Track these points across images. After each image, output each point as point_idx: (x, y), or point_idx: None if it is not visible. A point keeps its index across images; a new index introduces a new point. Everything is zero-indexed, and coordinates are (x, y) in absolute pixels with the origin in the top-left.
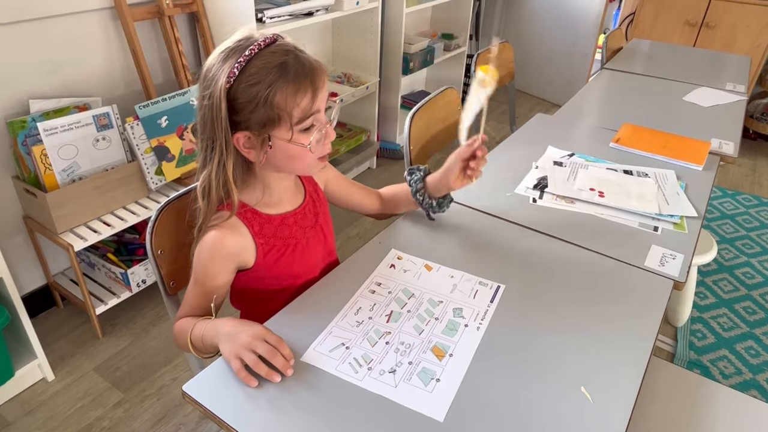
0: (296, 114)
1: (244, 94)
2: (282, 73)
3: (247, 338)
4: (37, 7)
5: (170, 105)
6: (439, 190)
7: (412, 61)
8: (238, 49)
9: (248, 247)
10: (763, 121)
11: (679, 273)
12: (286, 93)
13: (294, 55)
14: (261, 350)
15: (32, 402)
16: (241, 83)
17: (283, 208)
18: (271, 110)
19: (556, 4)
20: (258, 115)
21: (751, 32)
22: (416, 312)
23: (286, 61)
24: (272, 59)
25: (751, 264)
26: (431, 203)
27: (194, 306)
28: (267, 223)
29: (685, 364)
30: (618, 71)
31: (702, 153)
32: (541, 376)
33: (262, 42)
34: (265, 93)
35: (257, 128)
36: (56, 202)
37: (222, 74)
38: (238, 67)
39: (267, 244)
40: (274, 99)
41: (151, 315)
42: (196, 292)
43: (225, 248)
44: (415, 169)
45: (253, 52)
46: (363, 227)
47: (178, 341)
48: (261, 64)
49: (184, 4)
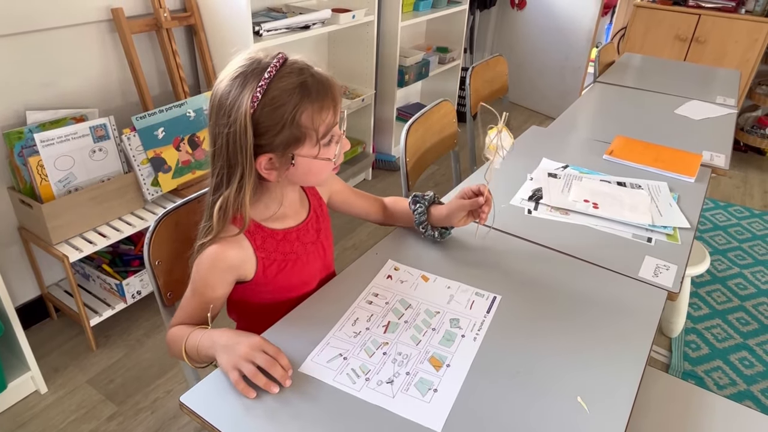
0: (322, 130)
1: (269, 118)
2: (305, 93)
3: (245, 349)
4: (36, 19)
5: (167, 116)
6: (441, 222)
7: (408, 74)
8: (253, 72)
9: (249, 260)
10: (753, 134)
11: (673, 283)
12: (312, 112)
13: (310, 73)
14: (259, 361)
15: (24, 415)
16: (264, 107)
17: (287, 223)
18: (298, 130)
19: (548, 18)
20: (282, 136)
21: (740, 47)
22: (413, 322)
23: (305, 80)
24: (291, 80)
25: (743, 275)
26: (433, 234)
27: (190, 314)
28: (270, 238)
29: (680, 375)
30: (610, 84)
31: (694, 165)
32: (538, 385)
33: (277, 63)
34: (290, 115)
35: (281, 149)
36: (52, 212)
37: (244, 100)
38: (260, 91)
39: (268, 258)
40: (300, 119)
41: (145, 326)
42: (193, 302)
43: (226, 260)
44: (419, 198)
45: (271, 74)
46: (359, 238)
47: (172, 349)
48: (282, 86)
49: (182, 17)
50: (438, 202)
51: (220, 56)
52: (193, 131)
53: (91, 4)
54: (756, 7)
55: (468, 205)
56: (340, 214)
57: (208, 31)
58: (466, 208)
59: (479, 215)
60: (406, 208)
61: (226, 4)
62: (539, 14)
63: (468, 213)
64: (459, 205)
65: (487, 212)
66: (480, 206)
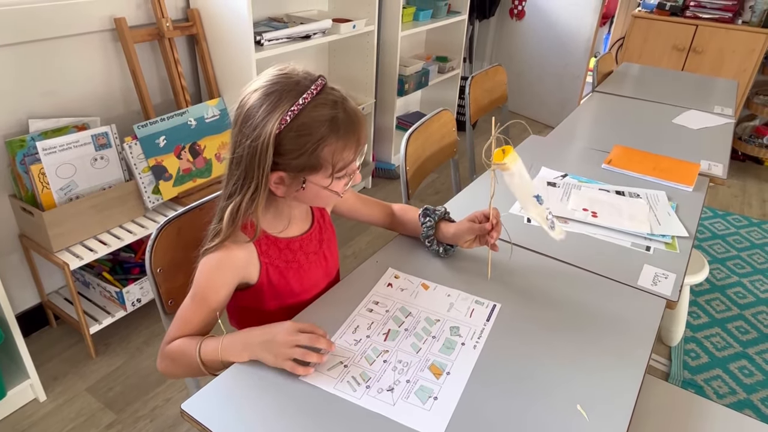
0: (339, 166)
1: (293, 143)
2: (332, 129)
3: (284, 337)
4: (39, 28)
5: (168, 125)
6: (448, 240)
7: (407, 83)
8: (289, 94)
9: (253, 263)
10: (751, 143)
11: (672, 292)
12: (335, 148)
13: (343, 108)
14: (303, 341)
15: (23, 423)
16: (291, 131)
17: (291, 232)
18: (316, 160)
19: (547, 27)
20: (300, 161)
21: (737, 57)
22: (413, 330)
23: (337, 115)
24: (323, 112)
25: (742, 284)
26: (437, 249)
27: (189, 320)
28: (273, 245)
29: (680, 384)
30: (609, 94)
31: (692, 174)
32: (538, 394)
33: (315, 89)
34: (313, 146)
35: (294, 171)
36: (53, 220)
37: (273, 120)
38: (291, 115)
39: (271, 264)
40: (321, 152)
41: (145, 334)
42: (194, 306)
43: (232, 260)
44: (430, 212)
45: (306, 101)
46: (358, 246)
47: (177, 362)
48: (313, 116)
49: (184, 26)
50: (448, 219)
51: (221, 65)
52: (194, 139)
53: (95, 14)
54: (753, 18)
55: (477, 229)
56: (342, 221)
57: (210, 40)
58: (474, 232)
59: (488, 241)
60: (414, 218)
61: (227, 14)
62: (538, 24)
63: (476, 237)
64: (467, 228)
65: (495, 237)
66: (488, 232)
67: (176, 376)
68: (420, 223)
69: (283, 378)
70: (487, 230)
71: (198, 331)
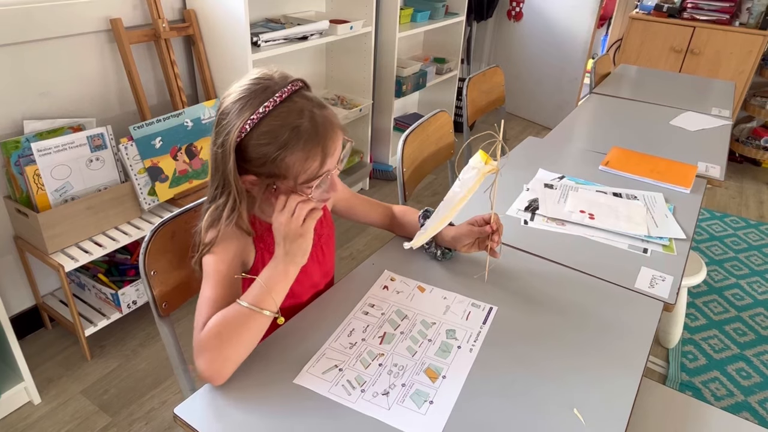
0: (302, 178)
1: (255, 151)
2: (293, 139)
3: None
4: (35, 29)
5: (165, 126)
6: (447, 244)
7: (405, 84)
8: (255, 99)
9: (249, 247)
10: (748, 145)
11: (669, 294)
12: (295, 159)
13: (309, 116)
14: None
15: (17, 426)
16: (251, 139)
17: None
18: (278, 170)
19: (545, 29)
20: (264, 169)
21: (734, 59)
22: (409, 333)
23: (299, 125)
24: (287, 120)
25: (740, 285)
26: (435, 252)
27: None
28: (268, 231)
29: (678, 386)
30: (606, 96)
31: (689, 176)
32: (534, 397)
33: (278, 97)
34: (273, 155)
35: (263, 177)
36: (48, 222)
37: (234, 128)
38: (250, 124)
39: (267, 251)
40: (282, 162)
41: (140, 336)
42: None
43: (230, 238)
44: (430, 214)
45: (267, 109)
46: (355, 248)
47: (222, 338)
48: (275, 125)
49: (180, 27)
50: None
51: (218, 66)
52: (190, 141)
53: (90, 15)
54: (750, 20)
55: (476, 232)
56: (340, 222)
57: (207, 41)
58: (473, 236)
59: (488, 245)
60: (414, 220)
61: (224, 15)
62: (536, 26)
63: (475, 242)
64: (467, 231)
65: (497, 242)
66: (487, 236)
67: (227, 359)
68: (419, 225)
69: (277, 382)
70: (487, 233)
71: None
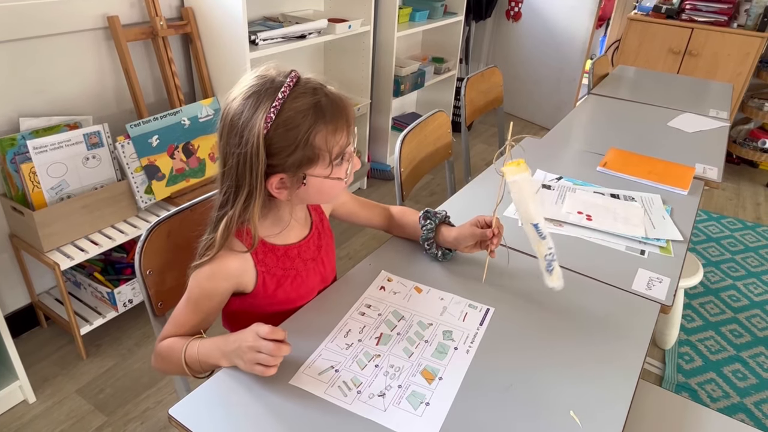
0: (335, 151)
1: (283, 139)
2: (319, 115)
3: (248, 344)
4: (31, 26)
5: (162, 124)
6: (448, 245)
7: (403, 84)
8: (266, 92)
9: (249, 272)
10: (746, 146)
11: (666, 296)
12: (326, 133)
13: (324, 93)
14: (265, 350)
15: (11, 425)
16: (278, 128)
17: (289, 239)
18: (311, 151)
19: (544, 29)
20: (295, 157)
21: (732, 60)
22: (406, 335)
23: (319, 101)
24: (306, 100)
25: (736, 287)
26: (436, 253)
27: (182, 324)
28: (271, 252)
29: (674, 388)
30: (604, 96)
31: (687, 178)
32: (530, 399)
33: (290, 82)
34: (305, 136)
35: (293, 169)
36: (43, 220)
37: (257, 121)
38: (274, 111)
39: (268, 273)
40: (314, 141)
41: (136, 336)
42: (188, 310)
43: (226, 269)
44: (431, 215)
45: (285, 94)
46: (352, 248)
47: (165, 360)
48: (296, 107)
49: (178, 25)
50: (448, 223)
51: (215, 65)
52: (187, 139)
53: (87, 12)
54: (748, 22)
55: (479, 234)
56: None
57: (204, 39)
58: (476, 237)
59: (488, 247)
60: (414, 221)
61: (222, 13)
62: (534, 26)
63: (477, 242)
64: (470, 232)
65: (496, 244)
66: (489, 238)
67: (168, 373)
68: (420, 225)
69: (272, 383)
70: (488, 237)
71: (190, 333)
